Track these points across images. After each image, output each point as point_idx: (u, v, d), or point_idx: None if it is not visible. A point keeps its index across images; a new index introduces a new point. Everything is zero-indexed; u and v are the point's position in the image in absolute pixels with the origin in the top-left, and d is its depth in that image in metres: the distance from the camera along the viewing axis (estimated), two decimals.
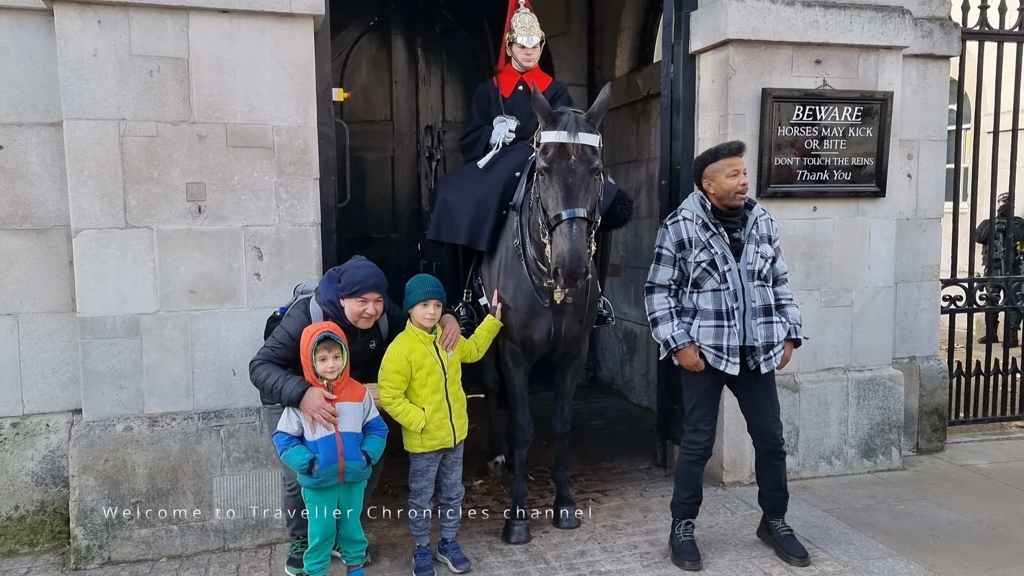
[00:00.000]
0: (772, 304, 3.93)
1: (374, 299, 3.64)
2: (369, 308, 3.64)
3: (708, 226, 3.86)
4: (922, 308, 5.77)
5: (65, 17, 3.87)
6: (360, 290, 3.62)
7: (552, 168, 3.61)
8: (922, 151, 5.66)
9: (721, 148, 3.93)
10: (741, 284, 3.84)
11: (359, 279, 3.63)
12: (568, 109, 3.78)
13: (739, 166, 3.85)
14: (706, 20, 5.02)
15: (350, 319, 3.66)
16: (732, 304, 3.82)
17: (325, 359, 3.58)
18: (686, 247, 3.86)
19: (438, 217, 4.72)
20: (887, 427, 5.34)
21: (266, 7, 4.07)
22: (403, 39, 7.51)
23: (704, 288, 3.85)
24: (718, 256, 3.83)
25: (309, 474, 3.54)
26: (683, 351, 3.87)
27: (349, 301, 3.64)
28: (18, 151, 4.07)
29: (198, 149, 4.08)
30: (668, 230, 3.94)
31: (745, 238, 3.90)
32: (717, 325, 3.82)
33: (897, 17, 5.08)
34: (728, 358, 3.83)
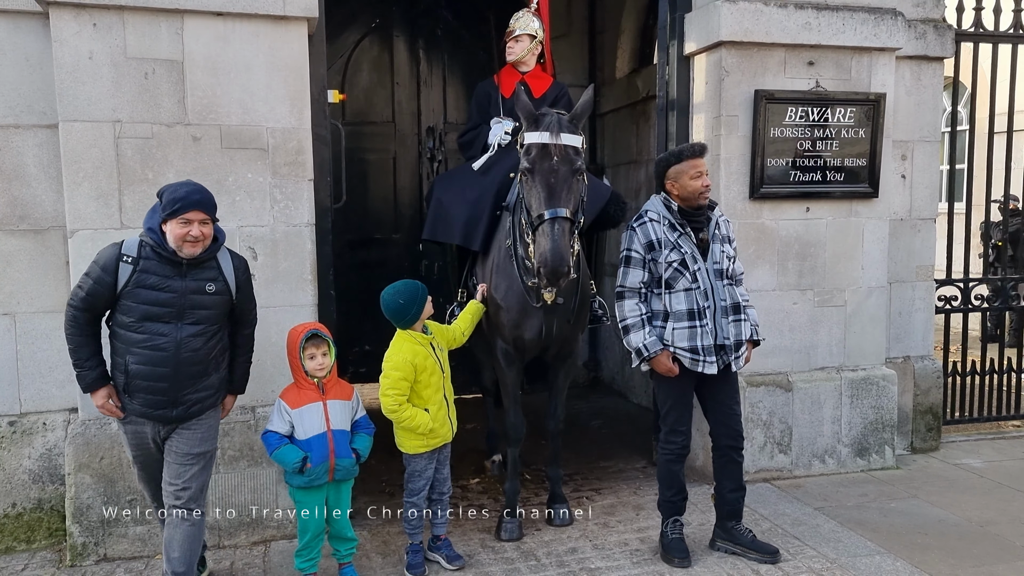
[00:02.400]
0: (740, 302, 3.97)
1: (199, 219, 3.23)
2: (194, 230, 3.21)
3: (675, 226, 3.89)
4: (917, 308, 5.78)
5: (61, 20, 3.93)
6: (182, 207, 3.19)
7: (535, 169, 3.66)
8: (916, 152, 5.67)
9: (684, 150, 3.96)
10: (710, 283, 3.88)
11: (180, 195, 3.21)
12: (551, 110, 3.83)
13: (702, 167, 3.89)
14: (700, 22, 5.04)
15: (173, 245, 3.23)
16: (703, 303, 3.86)
17: (314, 356, 3.63)
18: (655, 248, 3.88)
19: (433, 217, 4.77)
20: (880, 426, 5.35)
21: (260, 10, 4.12)
22: (405, 41, 7.56)
23: (676, 288, 3.87)
24: (688, 256, 3.86)
25: (301, 473, 3.58)
26: (656, 358, 3.88)
27: (171, 224, 3.21)
28: (15, 153, 4.14)
29: (193, 151, 4.14)
30: (636, 232, 3.94)
31: (710, 238, 3.93)
32: (691, 326, 3.85)
33: (890, 19, 5.09)
34: (705, 358, 3.86)
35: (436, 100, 7.71)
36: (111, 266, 3.24)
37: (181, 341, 3.30)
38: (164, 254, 3.25)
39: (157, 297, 3.25)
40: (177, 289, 3.27)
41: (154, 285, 3.25)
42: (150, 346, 3.26)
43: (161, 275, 3.25)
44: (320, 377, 3.64)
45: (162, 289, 3.25)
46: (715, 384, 3.99)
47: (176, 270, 3.27)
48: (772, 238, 5.10)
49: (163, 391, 3.31)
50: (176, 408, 3.36)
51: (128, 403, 3.35)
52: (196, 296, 3.31)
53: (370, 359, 7.47)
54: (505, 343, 4.33)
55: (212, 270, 3.37)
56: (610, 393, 7.80)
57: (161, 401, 3.33)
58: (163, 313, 3.27)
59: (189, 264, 3.28)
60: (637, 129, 7.34)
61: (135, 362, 3.27)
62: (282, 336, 4.25)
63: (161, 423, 3.38)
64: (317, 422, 3.63)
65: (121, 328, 3.30)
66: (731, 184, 5.00)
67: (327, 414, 3.65)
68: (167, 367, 3.29)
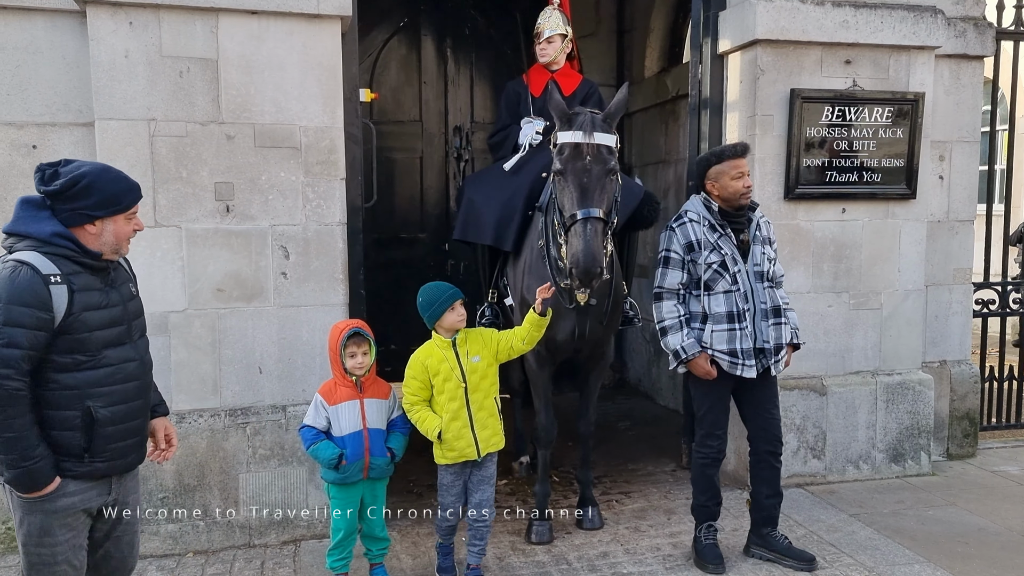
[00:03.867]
0: (780, 305, 3.90)
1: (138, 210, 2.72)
2: (141, 222, 2.75)
3: (715, 227, 3.84)
4: (953, 311, 5.68)
5: (98, 19, 3.94)
6: (131, 199, 2.64)
7: (567, 168, 3.62)
8: (954, 152, 5.57)
9: (726, 149, 3.91)
10: (751, 285, 3.82)
11: (123, 188, 2.63)
12: (584, 109, 3.78)
13: (744, 168, 3.83)
14: (734, 20, 4.98)
15: (111, 247, 2.63)
16: (743, 306, 3.80)
17: (354, 355, 3.61)
18: (695, 249, 3.83)
19: (464, 217, 4.74)
20: (916, 432, 5.26)
21: (294, 8, 4.11)
22: (433, 40, 7.54)
23: (716, 290, 3.82)
24: (728, 257, 3.80)
25: (336, 469, 3.56)
26: (694, 361, 3.83)
27: (112, 222, 2.60)
28: (51, 151, 4.14)
29: (227, 149, 4.13)
30: (675, 232, 3.90)
31: (751, 239, 3.87)
32: (730, 328, 3.79)
33: (929, 17, 5.00)
34: (744, 362, 3.80)
35: (463, 99, 7.69)
36: (42, 296, 2.44)
37: (144, 361, 2.77)
38: (88, 262, 2.57)
39: (109, 316, 2.61)
40: (118, 301, 2.66)
41: (99, 303, 2.58)
42: (120, 377, 2.63)
43: (97, 289, 2.60)
44: (359, 375, 3.62)
45: (106, 306, 2.61)
46: (754, 388, 3.92)
47: (103, 279, 2.63)
48: (807, 239, 5.03)
49: (136, 429, 2.72)
50: (142, 448, 2.79)
51: (80, 467, 2.57)
52: (131, 303, 2.74)
53: (395, 358, 7.44)
54: (537, 344, 4.28)
55: (122, 270, 2.78)
56: (636, 395, 7.75)
57: (132, 444, 2.71)
58: (119, 334, 2.65)
59: (112, 268, 2.69)
60: (666, 129, 7.27)
61: (104, 405, 2.57)
62: (314, 335, 4.29)
63: (119, 476, 2.71)
64: (353, 420, 3.61)
65: (66, 373, 2.53)
66: (765, 184, 4.93)
67: (363, 412, 3.63)
68: (140, 398, 2.72)
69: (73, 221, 2.54)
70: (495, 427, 3.76)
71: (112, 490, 2.69)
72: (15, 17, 4.03)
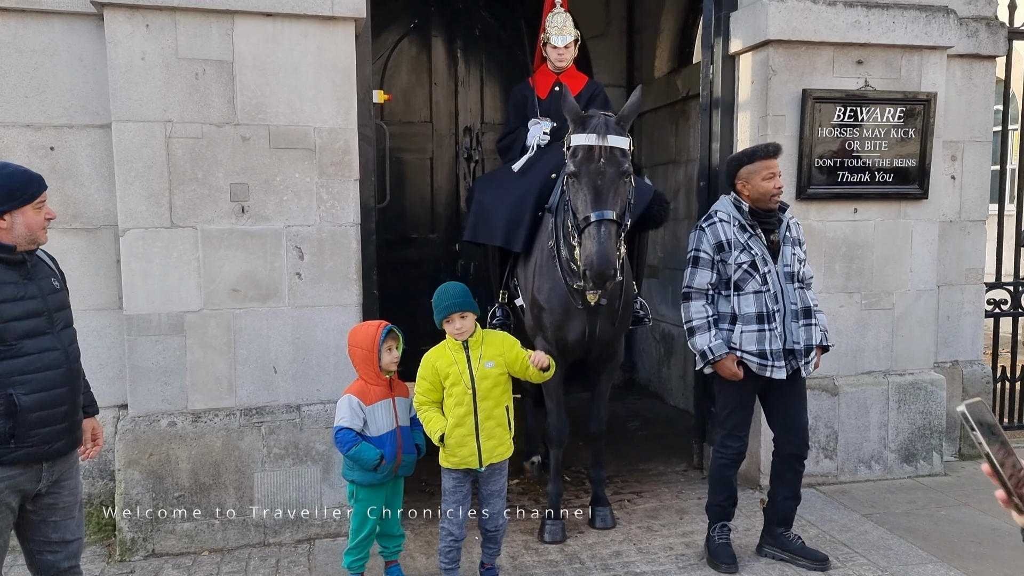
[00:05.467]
0: (810, 306, 3.90)
1: (46, 200, 2.80)
2: (51, 210, 2.82)
3: (745, 227, 3.84)
4: (965, 312, 5.68)
5: (115, 21, 3.98)
6: (38, 188, 2.74)
7: (581, 171, 3.63)
8: (967, 152, 5.57)
9: (758, 149, 3.89)
10: (780, 286, 3.82)
11: (23, 180, 2.72)
12: (598, 112, 3.80)
13: (775, 168, 3.82)
14: (746, 21, 4.99)
15: (26, 238, 2.72)
16: (773, 306, 3.80)
17: (391, 350, 3.65)
18: (725, 249, 3.83)
19: (474, 218, 4.77)
20: (928, 432, 5.26)
21: (309, 10, 4.14)
22: (443, 41, 7.57)
23: (746, 290, 3.82)
24: (758, 258, 3.80)
25: (375, 470, 3.57)
26: (722, 362, 3.82)
27: (23, 212, 2.69)
28: (68, 152, 4.19)
29: (242, 150, 4.16)
30: (705, 232, 3.89)
31: (781, 240, 3.87)
32: (759, 329, 3.79)
33: (941, 17, 5.00)
34: (773, 363, 3.79)
35: (473, 100, 7.71)
36: None
37: (68, 351, 2.83)
38: (3, 256, 2.68)
39: (26, 307, 2.70)
40: (35, 293, 2.74)
41: (14, 295, 2.68)
42: (40, 365, 2.71)
43: (12, 282, 2.69)
44: (392, 372, 3.65)
45: (23, 298, 2.70)
46: (782, 390, 3.91)
47: (20, 271, 2.72)
48: (819, 239, 5.03)
49: (64, 415, 2.80)
50: (73, 434, 2.88)
51: (6, 453, 2.67)
52: (53, 296, 2.82)
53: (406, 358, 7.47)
54: (548, 344, 4.30)
55: (44, 264, 2.86)
56: (646, 395, 7.76)
57: (60, 430, 2.79)
58: (39, 324, 2.73)
59: (30, 262, 2.76)
60: (676, 129, 7.29)
61: (26, 392, 2.66)
62: (328, 335, 4.33)
63: (50, 460, 2.79)
64: (388, 419, 3.63)
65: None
66: None
67: (396, 410, 3.65)
68: (65, 384, 2.80)
69: None
70: (502, 437, 3.61)
71: (43, 476, 2.78)
72: (33, 20, 4.08)
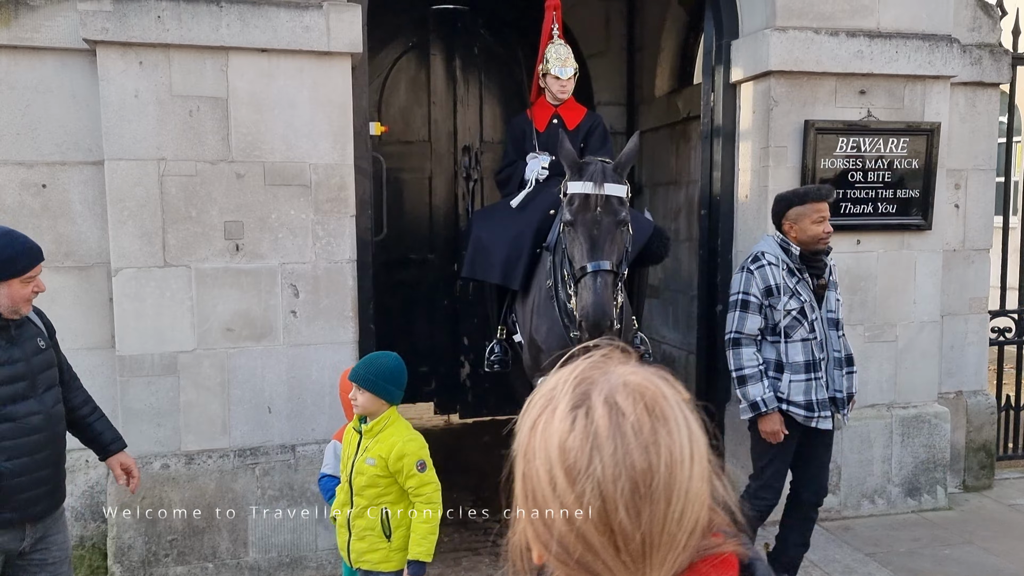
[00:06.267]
0: (852, 354, 3.82)
1: (40, 271, 2.79)
2: (42, 283, 2.81)
3: (793, 271, 3.71)
4: (969, 341, 5.61)
5: (108, 59, 3.92)
6: (29, 262, 2.73)
7: (577, 220, 3.59)
8: (970, 181, 5.51)
9: (810, 191, 3.76)
10: (825, 333, 3.73)
11: (14, 252, 2.69)
12: (595, 159, 3.74)
13: (825, 212, 3.69)
14: (748, 50, 4.93)
15: (7, 309, 2.70)
16: (819, 355, 3.70)
17: None
18: (774, 294, 3.69)
19: (472, 255, 4.71)
20: (932, 465, 5.20)
21: (305, 46, 4.09)
22: (442, 60, 7.51)
23: (794, 338, 3.69)
24: (807, 304, 3.69)
25: None
26: (768, 416, 3.67)
27: (8, 285, 2.68)
28: (61, 190, 4.13)
29: (236, 188, 4.11)
30: (754, 275, 3.72)
31: (828, 284, 3.78)
32: (807, 379, 3.68)
33: (945, 46, 4.94)
34: (819, 413, 3.69)
35: (472, 119, 7.65)
36: None
37: (51, 413, 2.82)
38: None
39: (8, 373, 2.70)
40: (19, 357, 2.74)
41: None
42: (22, 431, 2.71)
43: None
44: None
45: (6, 363, 2.70)
46: (815, 437, 3.80)
47: (5, 336, 2.72)
48: None
49: (46, 478, 2.79)
50: (55, 494, 2.88)
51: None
52: (38, 358, 2.81)
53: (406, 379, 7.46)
54: None
55: (30, 324, 2.85)
56: None
57: (42, 493, 2.78)
58: (22, 388, 2.73)
59: (15, 325, 2.75)
60: (677, 149, 7.22)
61: (7, 458, 2.66)
62: (323, 373, 4.26)
63: (32, 523, 2.78)
64: None
65: None
66: None
67: None
68: (47, 449, 2.80)
69: None
70: (375, 544, 3.08)
71: (27, 535, 2.77)
72: (25, 57, 4.02)
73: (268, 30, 4.03)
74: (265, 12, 4.02)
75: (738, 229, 5.14)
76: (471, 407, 7.58)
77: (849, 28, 4.82)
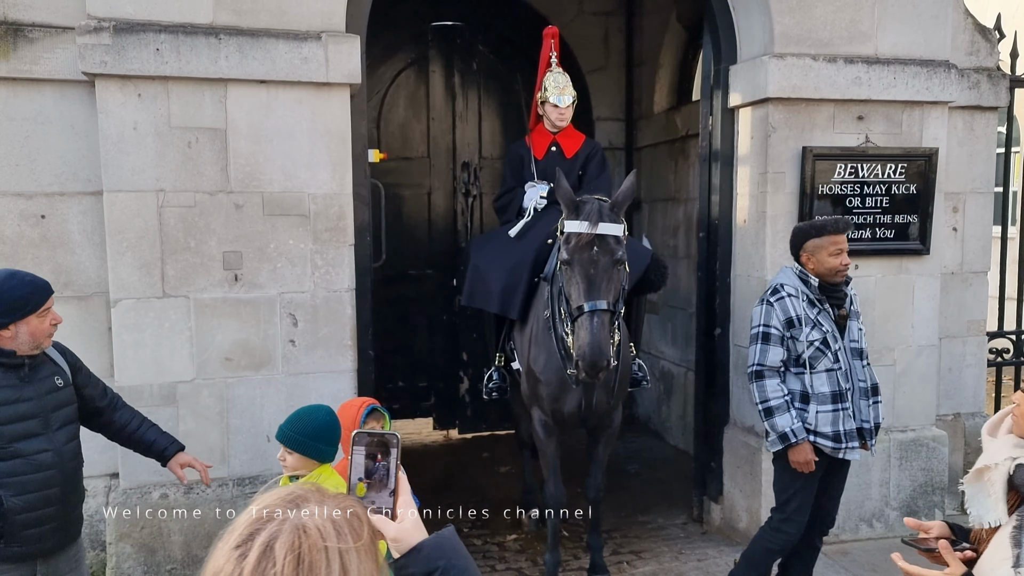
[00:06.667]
0: (877, 383, 3.83)
1: (52, 303, 2.89)
2: (57, 315, 2.92)
3: (814, 302, 3.72)
4: (968, 364, 5.63)
5: (106, 91, 3.93)
6: (41, 298, 2.81)
7: (574, 259, 3.61)
8: (968, 204, 5.52)
9: (827, 224, 3.75)
10: (849, 363, 3.74)
11: (25, 292, 2.78)
12: (592, 198, 3.76)
13: (843, 244, 3.70)
14: (746, 76, 4.94)
15: (30, 345, 2.80)
16: (845, 385, 3.70)
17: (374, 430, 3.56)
18: (795, 325, 3.69)
19: (471, 283, 4.73)
20: (930, 489, 5.21)
21: (303, 77, 4.10)
22: (441, 76, 7.52)
23: (818, 369, 3.69)
24: (829, 334, 3.69)
25: None
26: (799, 446, 3.64)
27: (27, 323, 2.77)
28: (60, 220, 4.14)
29: (235, 218, 4.12)
30: (774, 307, 3.72)
31: (849, 314, 3.79)
32: (834, 409, 3.68)
33: (943, 72, 4.95)
34: (847, 444, 3.69)
35: (471, 135, 7.66)
36: None
37: (62, 450, 2.87)
38: (1, 360, 2.77)
39: (18, 411, 2.76)
40: (32, 395, 2.81)
41: (8, 399, 2.76)
42: (30, 468, 2.77)
43: (8, 385, 2.77)
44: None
45: (16, 401, 2.77)
46: (837, 468, 3.82)
47: (19, 374, 2.79)
48: None
49: (54, 515, 2.84)
50: (67, 531, 2.93)
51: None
52: (52, 396, 2.87)
53: (403, 395, 7.49)
54: (544, 415, 4.26)
55: (49, 363, 2.92)
56: (646, 432, 7.70)
57: (51, 529, 2.84)
58: (32, 426, 2.79)
59: (30, 364, 2.83)
60: (676, 166, 7.24)
61: (15, 494, 2.71)
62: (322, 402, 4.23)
63: (43, 559, 2.86)
64: None
65: None
66: (777, 243, 4.88)
67: None
68: (56, 486, 2.84)
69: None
70: None
71: (37, 571, 2.86)
72: (24, 88, 4.03)
73: (267, 62, 4.04)
74: (264, 44, 4.03)
75: (736, 253, 5.15)
76: (470, 422, 7.60)
77: (847, 54, 4.83)
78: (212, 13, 4.02)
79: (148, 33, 3.90)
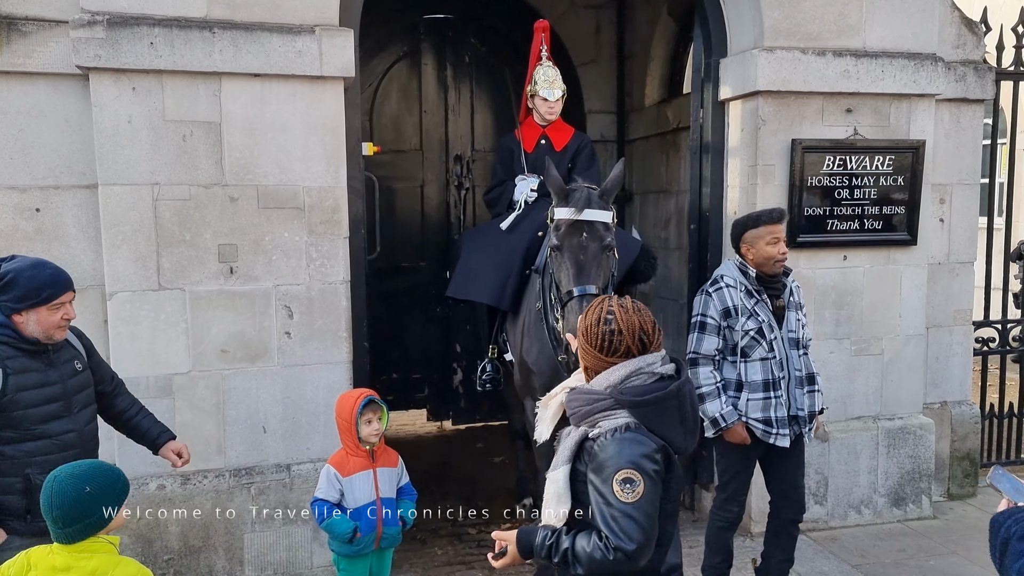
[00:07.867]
0: (813, 372, 3.90)
1: (70, 299, 2.99)
2: (69, 311, 2.98)
3: (751, 293, 3.80)
4: (954, 353, 5.70)
5: (101, 84, 3.95)
6: (55, 291, 2.92)
7: (564, 245, 3.65)
8: (955, 195, 5.58)
9: (762, 215, 3.85)
10: (786, 353, 3.81)
11: (46, 279, 2.91)
12: (581, 185, 3.81)
13: (779, 234, 3.79)
14: (736, 69, 4.98)
15: (40, 335, 2.91)
16: (778, 374, 3.78)
17: (371, 422, 3.59)
18: (732, 315, 3.78)
19: (463, 276, 4.76)
20: (917, 476, 5.29)
21: (297, 71, 4.12)
22: (433, 69, 7.54)
23: (752, 357, 3.78)
24: (765, 324, 3.77)
25: (351, 542, 3.55)
26: (732, 428, 3.78)
27: (37, 312, 2.88)
28: (55, 213, 4.15)
29: (230, 211, 4.14)
30: (712, 298, 3.83)
31: (786, 305, 3.86)
32: (765, 397, 3.77)
33: (930, 65, 5.01)
34: (778, 431, 3.78)
35: (464, 128, 7.69)
36: None
37: (84, 431, 3.04)
38: (26, 347, 2.90)
39: (45, 394, 2.92)
40: (56, 379, 2.96)
41: (36, 383, 2.90)
42: (56, 447, 2.91)
43: (35, 370, 2.91)
44: (373, 444, 3.62)
45: (44, 385, 2.92)
46: (783, 455, 3.89)
47: (44, 360, 2.94)
48: (809, 287, 5.02)
49: None
50: None
51: (23, 526, 2.87)
52: (73, 380, 3.03)
53: (397, 386, 7.53)
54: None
55: (68, 348, 3.06)
56: None
57: None
58: (57, 409, 2.95)
59: (53, 349, 2.96)
60: (667, 159, 7.27)
61: (42, 472, 2.67)
62: (318, 393, 4.31)
63: None
64: (367, 491, 3.58)
65: (8, 444, 2.87)
66: None
67: (376, 482, 3.62)
68: None
69: (6, 311, 2.88)
70: None
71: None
72: (18, 82, 4.03)
73: (261, 55, 4.06)
74: (258, 37, 4.05)
75: (727, 245, 5.19)
76: (464, 413, 7.65)
77: (836, 48, 4.88)
78: (206, 6, 4.04)
79: (142, 27, 3.92)
